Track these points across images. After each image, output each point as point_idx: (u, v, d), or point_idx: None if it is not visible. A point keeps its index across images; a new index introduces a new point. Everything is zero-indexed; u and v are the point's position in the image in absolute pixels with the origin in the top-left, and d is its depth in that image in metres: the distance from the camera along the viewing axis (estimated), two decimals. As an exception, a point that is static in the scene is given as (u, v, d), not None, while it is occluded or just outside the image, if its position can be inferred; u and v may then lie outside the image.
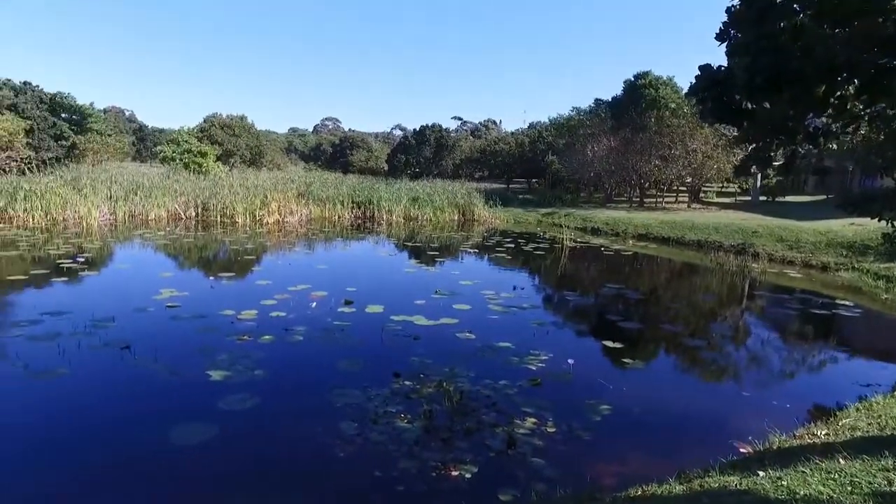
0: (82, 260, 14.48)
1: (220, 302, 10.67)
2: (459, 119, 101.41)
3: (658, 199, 35.52)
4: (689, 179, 34.40)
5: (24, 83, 43.79)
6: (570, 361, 7.76)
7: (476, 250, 19.89)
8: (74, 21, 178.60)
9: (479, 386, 6.93)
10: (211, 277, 13.44)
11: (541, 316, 11.04)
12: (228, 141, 47.29)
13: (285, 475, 5.02)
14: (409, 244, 21.17)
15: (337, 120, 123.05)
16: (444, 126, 63.67)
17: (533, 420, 6.05)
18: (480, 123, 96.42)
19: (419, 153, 58.22)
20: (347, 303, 10.98)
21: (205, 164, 37.61)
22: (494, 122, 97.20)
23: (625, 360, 8.30)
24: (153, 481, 4.88)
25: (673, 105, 35.93)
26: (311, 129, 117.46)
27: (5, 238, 17.94)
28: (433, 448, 5.40)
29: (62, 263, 13.89)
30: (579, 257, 19.36)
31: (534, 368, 7.71)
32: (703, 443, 5.87)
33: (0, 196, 22.97)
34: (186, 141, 39.26)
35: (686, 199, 35.56)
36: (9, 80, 43.35)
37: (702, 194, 37.74)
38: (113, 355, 7.66)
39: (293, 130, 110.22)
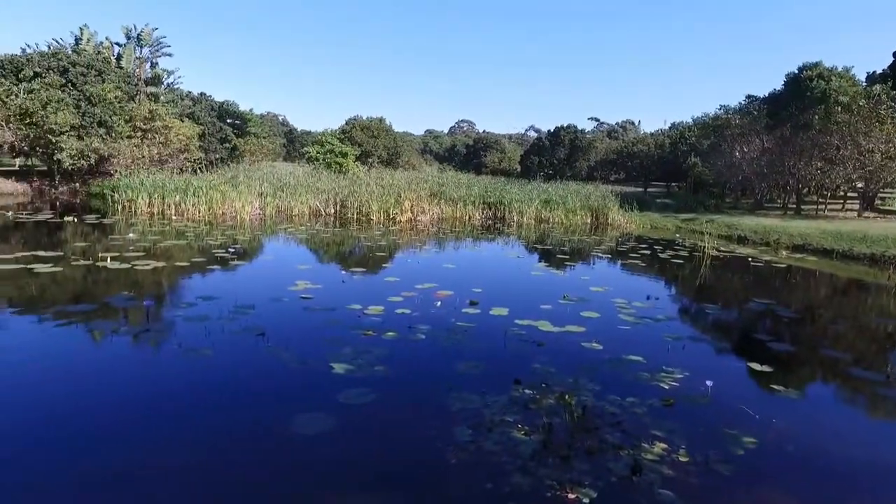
0: (233, 251, 15.85)
1: (349, 296, 11.06)
2: (596, 120, 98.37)
3: (819, 206, 31.64)
4: (860, 184, 30.25)
5: (200, 94, 49.50)
6: (709, 383, 6.97)
7: (608, 255, 18.96)
8: (241, 38, 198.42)
9: (605, 402, 6.43)
10: (343, 272, 14.05)
11: (676, 329, 10.14)
12: (367, 142, 49.76)
13: (394, 475, 4.96)
14: (539, 247, 20.72)
15: (471, 122, 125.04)
16: (579, 127, 62.00)
17: (662, 445, 5.47)
18: (617, 124, 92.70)
19: (553, 154, 57.18)
20: (472, 304, 10.88)
21: (345, 164, 39.84)
22: (632, 123, 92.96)
23: (774, 387, 7.31)
24: (268, 464, 5.04)
25: (845, 98, 31.65)
26: (446, 131, 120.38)
27: (178, 229, 20.19)
28: (550, 465, 5.05)
29: (217, 253, 15.31)
30: (722, 267, 17.70)
31: (666, 387, 7.03)
32: (875, 498, 4.92)
33: (176, 192, 26.01)
34: (329, 142, 41.85)
35: (856, 207, 31.30)
36: (190, 92, 49.22)
37: (878, 202, 33.03)
38: (249, 341, 8.18)
39: (429, 132, 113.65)
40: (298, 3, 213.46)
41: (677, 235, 25.36)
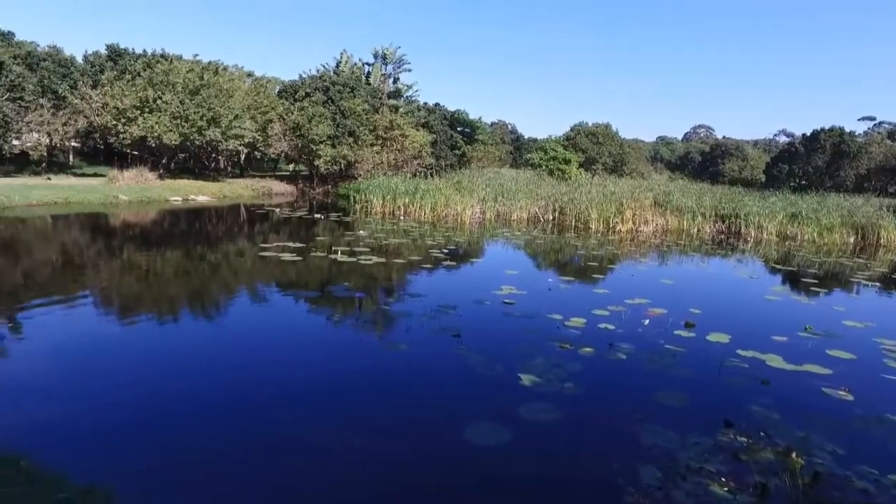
0: (447, 252, 16.58)
1: (552, 305, 10.68)
2: (870, 119, 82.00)
3: None
4: None
5: (435, 104, 53.50)
6: None
7: (877, 284, 15.48)
8: (475, 50, 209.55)
9: (849, 471, 5.05)
10: (550, 279, 13.70)
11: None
12: (592, 149, 48.56)
13: (567, 509, 4.48)
14: (779, 267, 17.86)
15: (709, 127, 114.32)
16: (845, 129, 52.40)
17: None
18: (904, 124, 76.03)
19: (807, 162, 49.30)
20: (688, 325, 9.68)
21: (567, 171, 39.37)
22: (928, 122, 75.34)
23: None
24: (434, 467, 4.97)
25: None
26: (679, 137, 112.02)
27: (403, 228, 21.94)
28: (760, 538, 4.09)
29: (433, 253, 16.15)
30: None
31: (950, 466, 5.29)
32: None
33: (406, 194, 28.38)
34: (553, 149, 41.79)
35: None
36: (425, 103, 53.61)
37: None
38: (444, 341, 8.32)
39: (660, 139, 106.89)
40: (526, 17, 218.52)
41: None
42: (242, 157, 45.55)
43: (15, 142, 33.07)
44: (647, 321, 9.83)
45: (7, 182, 27.95)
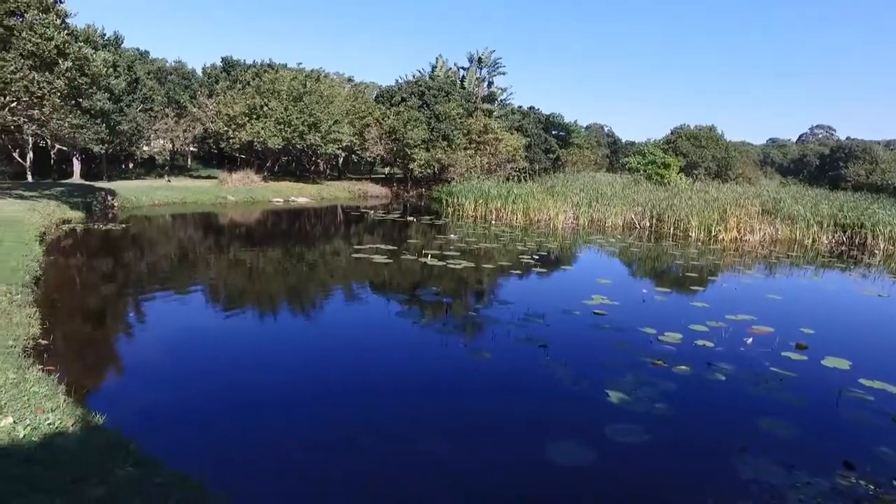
0: (537, 258, 16.27)
1: (645, 318, 10.17)
2: None
3: None
4: None
5: (530, 108, 53.00)
6: None
7: None
8: (571, 51, 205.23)
9: None
10: (644, 290, 13.06)
11: None
12: (694, 153, 46.04)
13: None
14: (913, 284, 16.00)
15: (829, 128, 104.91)
16: None
17: None
18: None
19: (952, 166, 43.96)
20: (799, 347, 8.85)
21: (666, 176, 37.56)
22: None
23: None
24: (511, 479, 4.83)
25: None
26: (794, 139, 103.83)
27: (494, 232, 21.84)
28: None
29: (523, 259, 15.91)
30: None
31: None
32: None
33: (498, 198, 28.28)
34: (651, 153, 40.05)
35: None
36: (520, 107, 53.28)
37: None
38: (530, 351, 8.12)
39: (772, 141, 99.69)
40: (627, 15, 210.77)
41: None
42: (340, 160, 47.42)
43: (145, 147, 36.53)
44: (750, 340, 9.09)
45: (136, 184, 30.85)
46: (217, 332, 8.80)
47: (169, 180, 34.23)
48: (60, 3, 19.15)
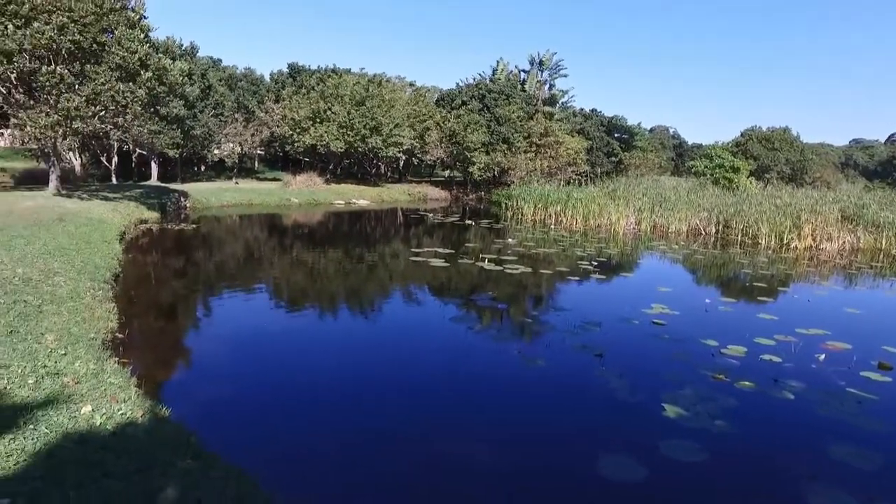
0: (596, 264, 15.94)
1: (706, 329, 9.78)
2: None
3: None
4: None
5: (592, 110, 52.05)
6: None
7: None
8: (633, 52, 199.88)
9: None
10: (708, 300, 12.56)
11: None
12: (765, 155, 43.96)
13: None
14: None
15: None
16: None
17: None
18: None
19: None
20: (882, 367, 8.27)
21: (735, 180, 35.99)
22: None
23: None
24: (558, 495, 4.75)
25: None
26: (882, 140, 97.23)
27: (553, 237, 21.58)
28: None
29: (582, 264, 15.64)
30: None
31: None
32: None
33: (558, 202, 27.94)
34: (719, 156, 38.49)
35: None
36: (582, 109, 52.41)
37: None
38: (585, 360, 7.98)
39: (855, 142, 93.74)
40: (692, 12, 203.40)
41: None
42: (401, 163, 48.09)
43: (215, 151, 38.31)
44: (823, 356, 8.58)
45: (207, 186, 32.38)
46: (278, 330, 9.13)
47: (237, 182, 35.70)
48: (144, 18, 20.45)
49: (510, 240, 19.96)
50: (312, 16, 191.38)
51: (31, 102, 18.62)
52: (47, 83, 17.58)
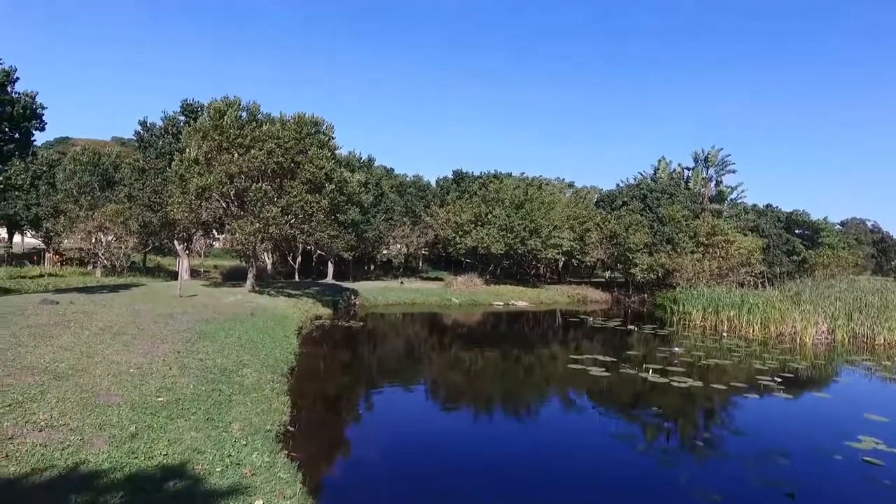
0: (780, 379, 14.02)
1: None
2: None
3: None
4: None
5: (766, 206, 48.20)
6: None
7: None
8: (805, 143, 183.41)
9: None
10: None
11: None
12: None
13: None
14: None
15: None
16: None
17: None
18: None
19: None
20: None
21: (961, 284, 30.32)
22: None
23: None
24: None
25: None
26: None
27: (726, 346, 19.60)
28: None
29: (761, 380, 13.86)
30: None
31: None
32: None
33: (731, 306, 25.62)
34: (937, 255, 32.95)
35: None
36: (754, 205, 48.81)
37: None
38: (770, 499, 6.86)
39: None
40: (874, 90, 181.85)
41: None
42: (560, 264, 47.94)
43: (384, 251, 41.63)
44: None
45: (374, 284, 34.98)
46: (435, 430, 9.31)
47: (402, 282, 38.05)
48: (332, 139, 23.68)
49: (676, 348, 18.47)
50: (477, 124, 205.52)
51: (241, 213, 22.03)
52: (254, 197, 20.86)
